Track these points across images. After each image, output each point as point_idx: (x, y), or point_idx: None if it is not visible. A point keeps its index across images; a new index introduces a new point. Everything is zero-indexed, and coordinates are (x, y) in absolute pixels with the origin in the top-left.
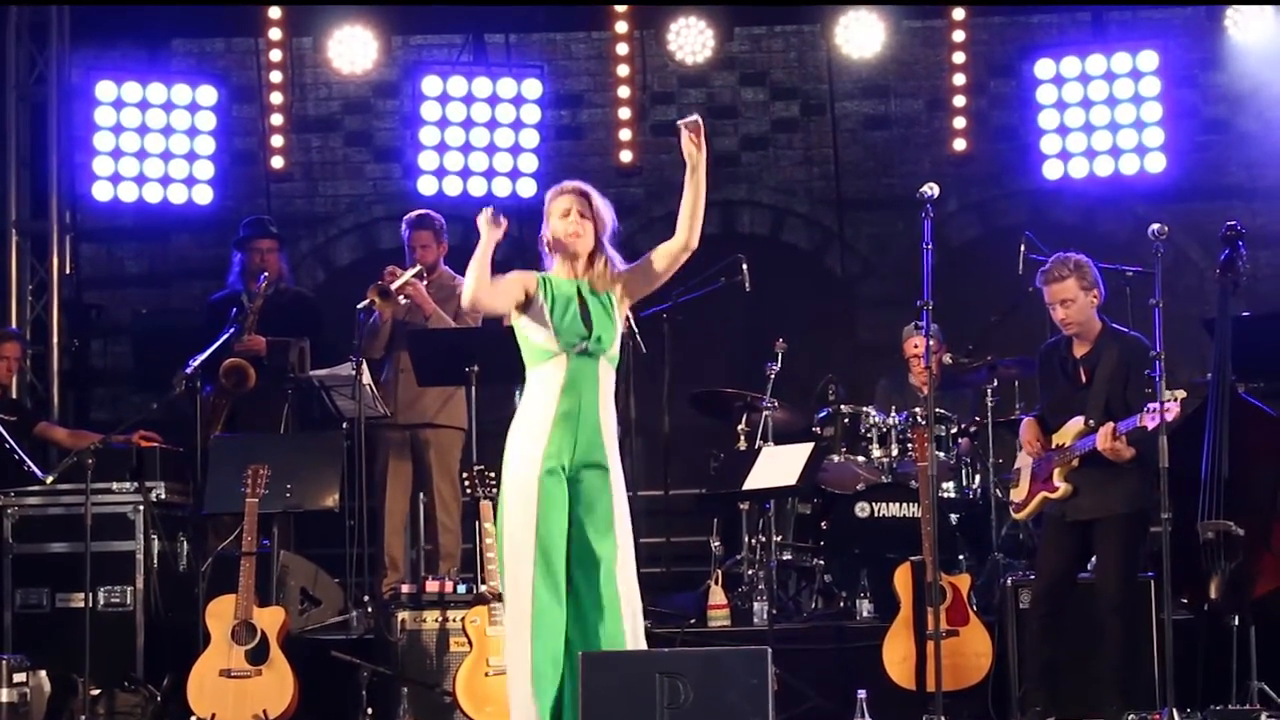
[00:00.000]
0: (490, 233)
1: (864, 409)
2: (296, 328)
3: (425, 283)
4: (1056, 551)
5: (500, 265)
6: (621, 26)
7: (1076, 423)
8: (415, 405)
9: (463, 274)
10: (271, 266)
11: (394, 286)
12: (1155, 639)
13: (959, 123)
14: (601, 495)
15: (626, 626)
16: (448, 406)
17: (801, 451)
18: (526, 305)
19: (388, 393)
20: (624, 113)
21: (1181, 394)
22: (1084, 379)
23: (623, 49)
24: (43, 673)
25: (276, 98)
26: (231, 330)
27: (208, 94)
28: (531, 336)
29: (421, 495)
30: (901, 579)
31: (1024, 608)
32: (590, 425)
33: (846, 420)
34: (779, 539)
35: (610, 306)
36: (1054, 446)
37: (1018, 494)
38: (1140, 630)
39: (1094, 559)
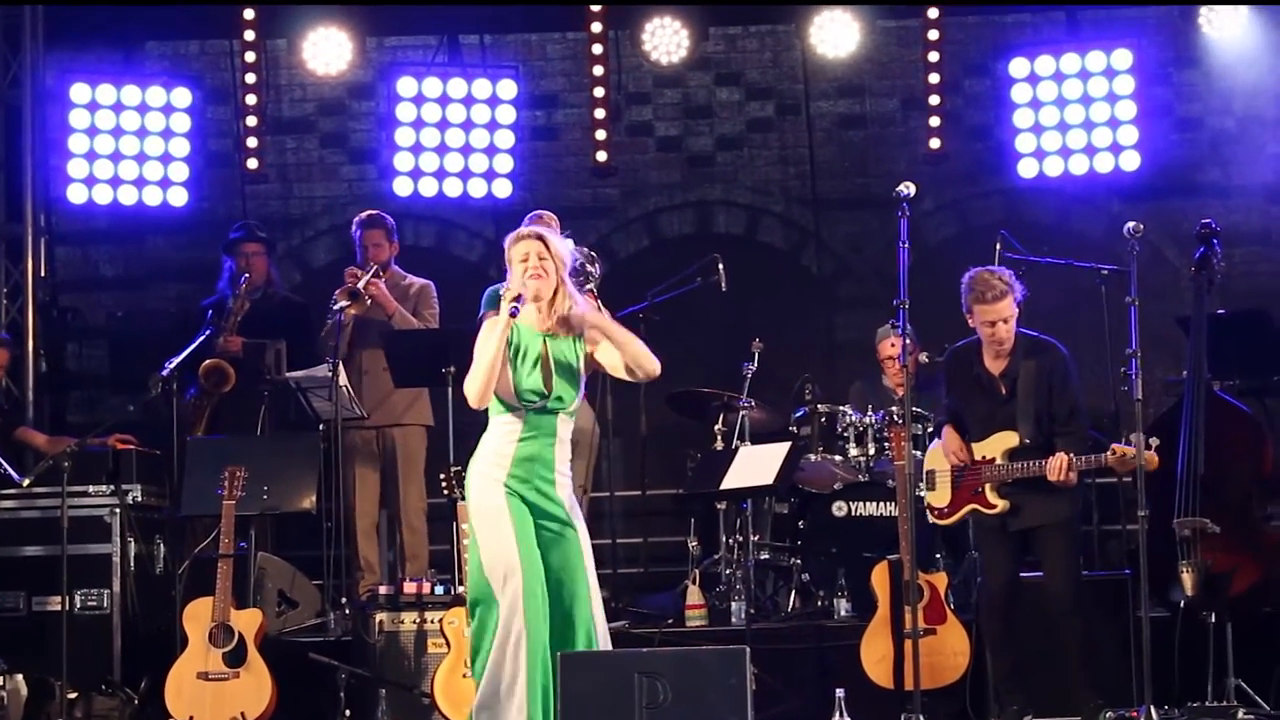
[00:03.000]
0: (508, 323)
1: (841, 408)
2: (282, 331)
3: (381, 281)
4: (1001, 558)
5: (475, 267)
6: (596, 27)
7: (1004, 437)
8: (380, 406)
9: (414, 274)
10: (256, 270)
11: (361, 284)
12: (1132, 637)
13: (934, 122)
14: (573, 556)
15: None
16: (413, 405)
17: (778, 451)
18: None
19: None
20: (599, 113)
21: (1155, 441)
22: (1003, 391)
23: (597, 49)
24: (19, 676)
25: (251, 99)
26: (208, 332)
27: (182, 96)
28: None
29: (385, 497)
30: (879, 578)
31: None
32: (545, 474)
33: (823, 419)
34: (756, 538)
35: (575, 360)
36: (979, 459)
37: (937, 499)
38: (1096, 626)
39: (1042, 564)
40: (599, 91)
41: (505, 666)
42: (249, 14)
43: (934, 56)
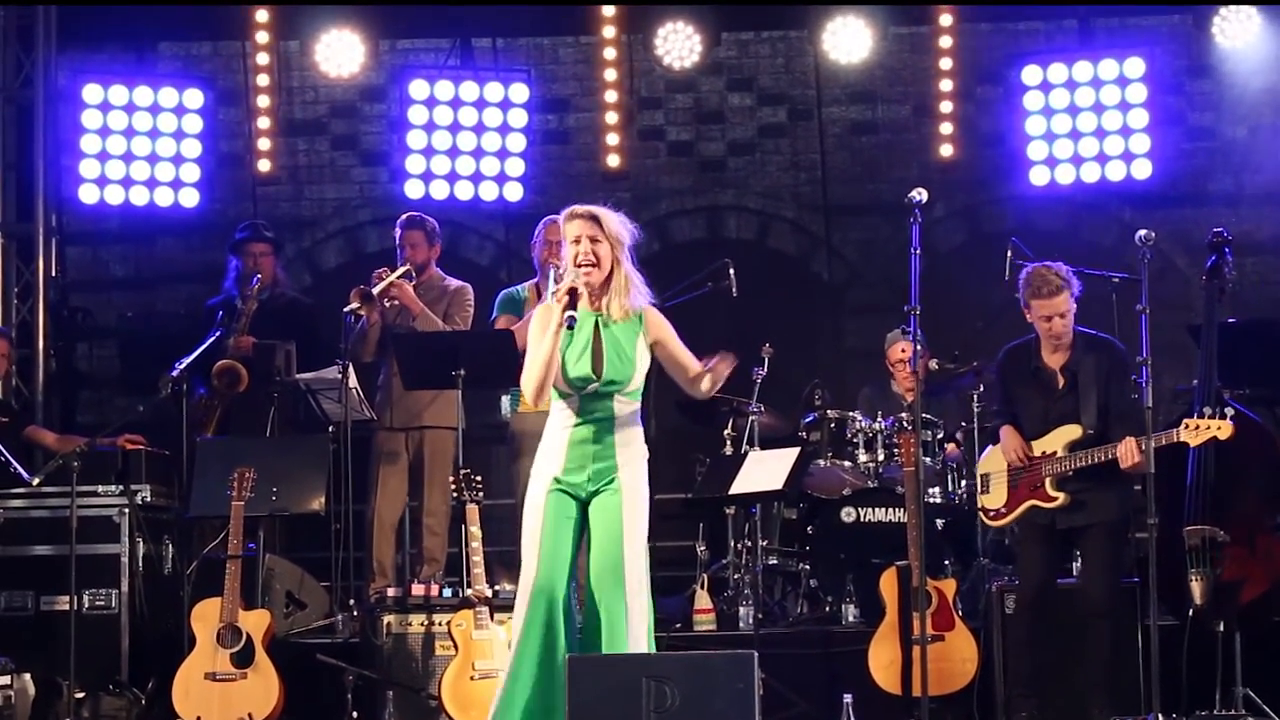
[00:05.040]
0: (559, 330)
1: (850, 414)
2: (290, 332)
3: (414, 283)
4: (1042, 558)
5: (486, 270)
6: (609, 31)
7: (1067, 430)
8: (411, 408)
9: (454, 277)
10: (264, 270)
11: (377, 290)
12: (1141, 645)
13: (946, 129)
14: (612, 515)
15: (631, 641)
16: (443, 407)
17: (788, 456)
18: None
19: (384, 396)
20: (611, 117)
21: (1230, 411)
22: (1061, 385)
23: (610, 54)
24: (27, 676)
25: (263, 101)
26: (219, 333)
27: (194, 97)
28: None
29: (409, 499)
30: (887, 584)
31: (1009, 613)
32: (606, 456)
33: (833, 425)
34: (765, 543)
35: (630, 344)
36: (1038, 454)
37: (991, 501)
38: (1127, 634)
39: (1079, 565)
40: (611, 96)
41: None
42: (262, 16)
43: (946, 63)
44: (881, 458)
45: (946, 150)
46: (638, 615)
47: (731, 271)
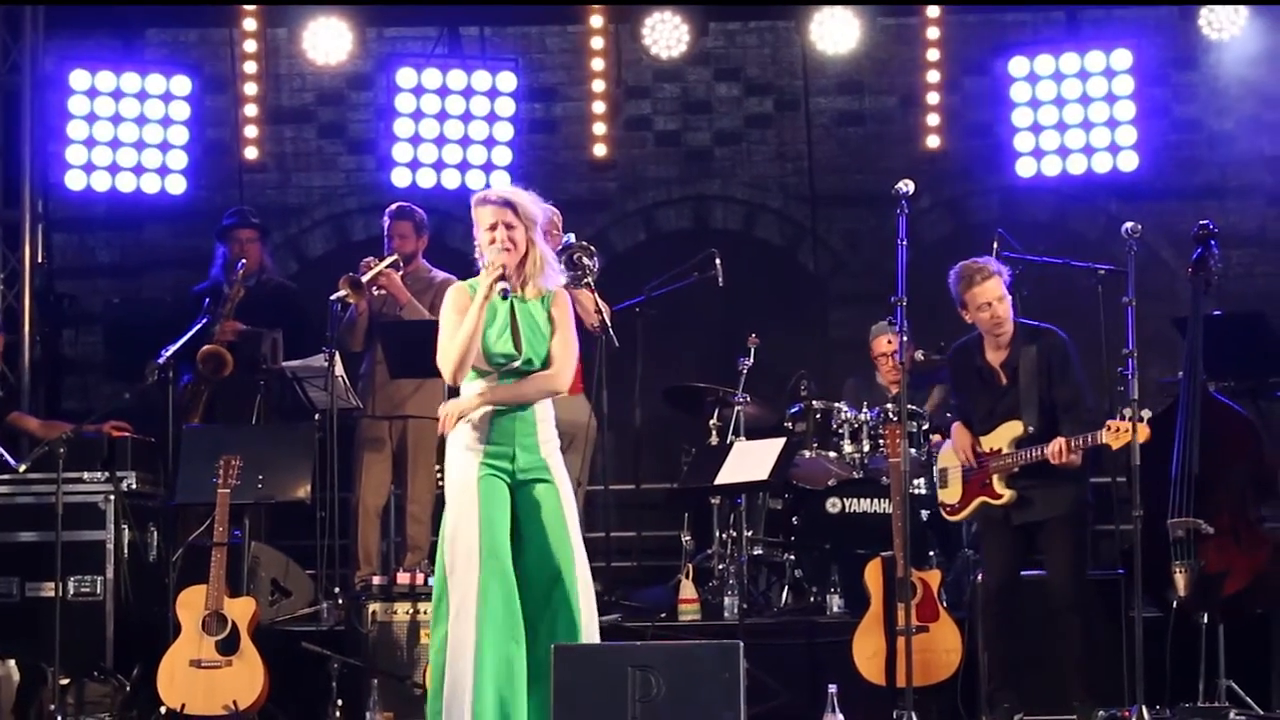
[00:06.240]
0: (485, 301)
1: (836, 404)
2: (277, 318)
3: (401, 274)
4: (1002, 551)
5: (471, 260)
6: (596, 20)
7: (1011, 427)
8: (394, 396)
9: (440, 265)
10: (251, 256)
11: (365, 278)
12: (1124, 636)
13: (932, 120)
14: (552, 509)
15: (583, 637)
16: (427, 397)
17: (773, 447)
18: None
19: (368, 385)
20: (598, 106)
21: (1147, 413)
22: (1003, 381)
23: (597, 43)
24: (12, 662)
25: (250, 88)
26: (205, 319)
27: (182, 84)
28: None
29: (393, 486)
30: (872, 574)
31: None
32: (527, 436)
33: (818, 416)
34: (750, 534)
35: (544, 321)
36: (986, 451)
37: (949, 496)
38: (1097, 625)
39: (1045, 559)
40: (598, 85)
41: (450, 670)
42: (249, 4)
43: (933, 54)
44: (867, 448)
45: (933, 141)
46: (589, 610)
47: (718, 261)
